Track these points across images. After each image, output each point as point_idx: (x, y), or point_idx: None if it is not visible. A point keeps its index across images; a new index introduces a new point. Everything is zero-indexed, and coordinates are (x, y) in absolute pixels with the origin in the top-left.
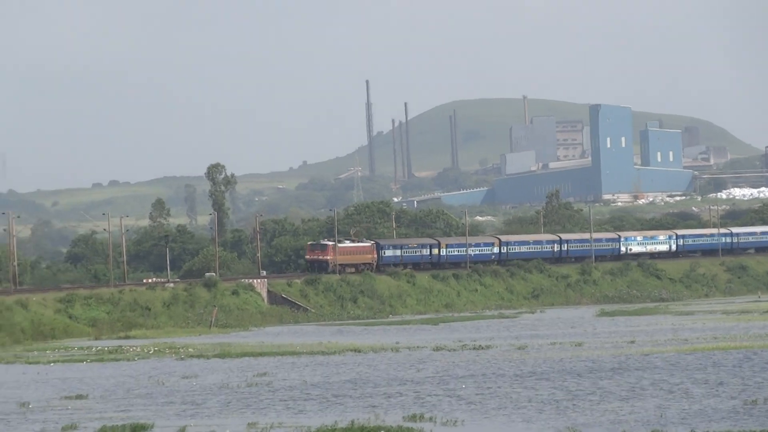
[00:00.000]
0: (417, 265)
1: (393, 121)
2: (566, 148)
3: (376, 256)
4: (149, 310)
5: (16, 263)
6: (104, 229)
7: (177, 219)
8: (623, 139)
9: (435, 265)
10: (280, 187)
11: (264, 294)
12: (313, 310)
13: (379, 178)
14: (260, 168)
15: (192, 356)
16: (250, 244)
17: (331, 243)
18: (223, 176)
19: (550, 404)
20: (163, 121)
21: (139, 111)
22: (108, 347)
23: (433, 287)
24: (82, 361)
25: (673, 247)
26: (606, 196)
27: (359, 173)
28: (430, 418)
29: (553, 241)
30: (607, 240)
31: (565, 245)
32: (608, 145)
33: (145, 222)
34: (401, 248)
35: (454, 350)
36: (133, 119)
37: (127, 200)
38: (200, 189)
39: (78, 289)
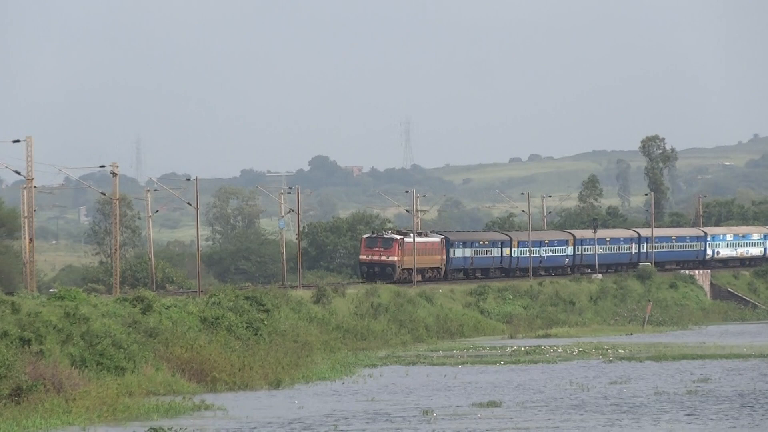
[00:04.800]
0: (485, 270)
1: None
2: None
3: (444, 257)
4: (573, 304)
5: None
6: (523, 211)
7: (607, 199)
8: None
9: (506, 271)
10: (727, 164)
11: (707, 288)
12: (763, 307)
13: None
14: (704, 142)
15: (622, 358)
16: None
17: (398, 236)
18: (661, 151)
19: None
20: (592, 81)
21: (576, 73)
22: (525, 347)
23: None
24: (494, 363)
25: None
26: None
27: None
28: None
29: None
30: None
31: None
32: None
33: (571, 202)
34: (471, 246)
35: None
36: (550, 78)
37: (549, 177)
38: (634, 165)
39: (491, 280)
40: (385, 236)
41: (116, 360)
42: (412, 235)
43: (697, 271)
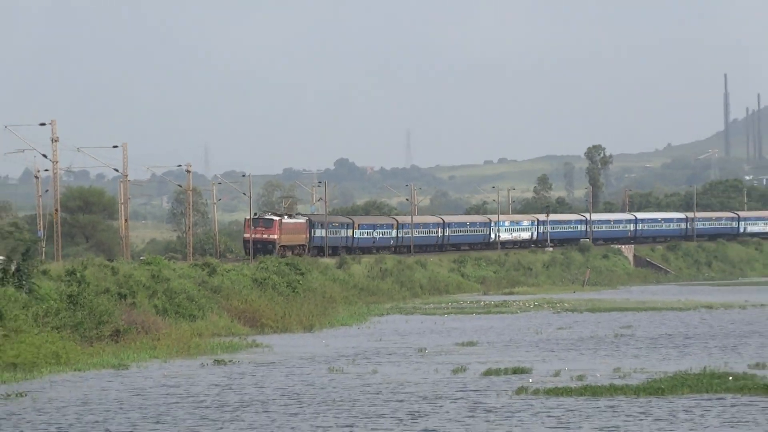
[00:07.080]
0: (335, 249)
1: (747, 109)
2: None
3: (308, 236)
4: (531, 270)
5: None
6: (493, 200)
7: (557, 192)
8: None
9: (349, 250)
10: (647, 165)
11: (630, 258)
12: (673, 273)
13: (733, 159)
14: (631, 148)
15: (567, 310)
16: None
17: (277, 218)
18: (601, 156)
19: None
20: (546, 103)
21: (526, 93)
22: (494, 302)
23: None
24: (471, 313)
25: None
26: None
27: (716, 155)
28: None
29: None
30: None
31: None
32: None
33: (529, 194)
34: (327, 228)
35: None
36: (515, 100)
37: (514, 175)
38: (578, 166)
39: (469, 251)
40: (266, 217)
41: (189, 310)
42: (285, 216)
43: (623, 246)
